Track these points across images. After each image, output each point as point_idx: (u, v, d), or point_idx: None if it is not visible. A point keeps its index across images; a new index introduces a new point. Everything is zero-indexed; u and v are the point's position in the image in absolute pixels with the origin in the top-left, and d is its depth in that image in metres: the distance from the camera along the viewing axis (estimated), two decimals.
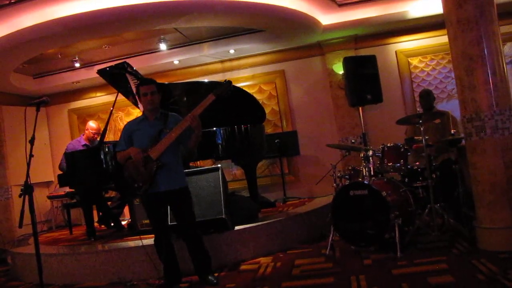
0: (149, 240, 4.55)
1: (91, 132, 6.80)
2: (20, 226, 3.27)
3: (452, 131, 5.24)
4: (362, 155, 5.10)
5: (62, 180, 6.44)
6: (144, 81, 4.34)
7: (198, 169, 5.51)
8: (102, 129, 6.37)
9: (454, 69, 4.45)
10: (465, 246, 4.35)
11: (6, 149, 8.37)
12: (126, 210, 7.20)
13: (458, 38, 4.30)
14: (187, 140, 4.20)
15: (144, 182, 4.08)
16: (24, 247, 6.29)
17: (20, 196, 3.35)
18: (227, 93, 4.19)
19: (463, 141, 4.67)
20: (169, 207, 4.45)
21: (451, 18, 4.35)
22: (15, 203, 8.28)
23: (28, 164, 3.45)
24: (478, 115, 4.19)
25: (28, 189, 3.35)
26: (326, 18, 7.34)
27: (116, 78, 6.01)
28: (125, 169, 4.17)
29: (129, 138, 4.27)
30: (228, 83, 4.22)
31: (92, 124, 6.92)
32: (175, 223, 4.47)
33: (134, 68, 5.87)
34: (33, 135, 3.48)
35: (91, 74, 7.97)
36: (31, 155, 3.50)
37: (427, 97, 5.89)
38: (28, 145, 3.46)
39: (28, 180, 3.37)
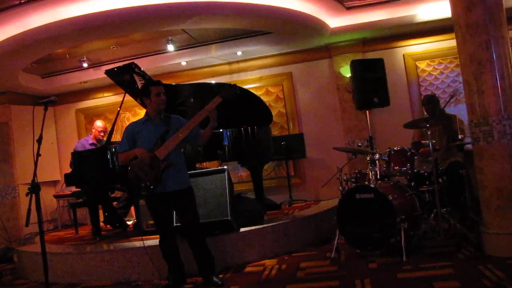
0: (152, 241, 4.56)
1: (98, 131, 6.84)
2: (27, 224, 3.28)
3: (460, 136, 5.21)
4: (369, 159, 5.08)
5: (69, 180, 6.47)
6: (155, 82, 4.35)
7: (204, 170, 5.51)
8: (109, 129, 6.40)
9: (462, 73, 4.44)
10: (472, 251, 4.33)
11: (13, 148, 8.42)
12: (132, 210, 7.22)
13: (466, 42, 4.28)
14: (195, 140, 4.26)
15: (150, 182, 4.08)
16: (30, 245, 6.32)
17: (27, 194, 3.36)
18: (233, 95, 4.21)
19: (469, 145, 4.65)
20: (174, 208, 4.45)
21: (459, 22, 4.34)
22: (22, 201, 8.33)
23: (36, 163, 3.46)
24: (486, 120, 4.17)
25: (35, 188, 3.37)
26: (334, 21, 7.33)
27: (124, 78, 6.03)
28: (130, 169, 4.17)
29: (132, 139, 4.27)
30: (233, 86, 4.25)
31: (98, 123, 6.95)
32: (179, 224, 4.48)
33: (142, 69, 5.90)
34: (41, 134, 3.49)
35: (99, 75, 8.00)
36: (38, 154, 3.51)
37: (429, 102, 5.86)
38: (36, 144, 3.48)
39: (35, 179, 3.38)
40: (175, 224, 4.65)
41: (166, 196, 4.16)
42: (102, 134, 6.80)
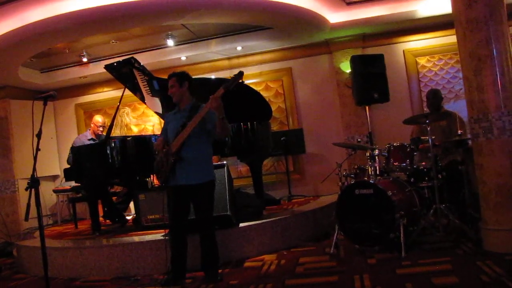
0: (152, 236, 4.55)
1: (97, 126, 6.84)
2: (26, 219, 3.28)
3: (459, 132, 5.21)
4: (368, 154, 5.08)
5: (68, 175, 6.47)
6: (169, 76, 4.37)
7: None
8: (109, 123, 6.39)
9: (462, 69, 4.43)
10: (470, 247, 4.33)
11: (13, 143, 8.42)
12: (131, 205, 7.23)
13: (467, 38, 4.27)
14: (212, 131, 4.16)
15: (164, 174, 4.16)
16: (29, 240, 6.33)
17: (26, 189, 3.36)
18: (237, 84, 4.02)
19: (470, 142, 4.65)
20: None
21: (460, 18, 4.33)
22: (21, 196, 8.34)
23: (35, 158, 3.46)
24: (486, 116, 4.17)
25: (34, 182, 3.36)
26: (334, 16, 7.32)
27: (123, 73, 6.03)
28: (155, 159, 4.31)
29: (165, 129, 4.42)
30: (239, 74, 3.99)
31: (98, 118, 6.95)
32: (193, 217, 4.42)
33: (141, 64, 5.88)
34: (40, 129, 3.49)
35: (99, 69, 7.99)
36: (38, 149, 3.51)
37: (434, 97, 5.85)
38: (35, 139, 3.47)
39: (35, 174, 3.38)
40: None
41: (179, 189, 4.18)
42: (101, 129, 6.81)
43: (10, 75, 7.69)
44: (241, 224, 5.14)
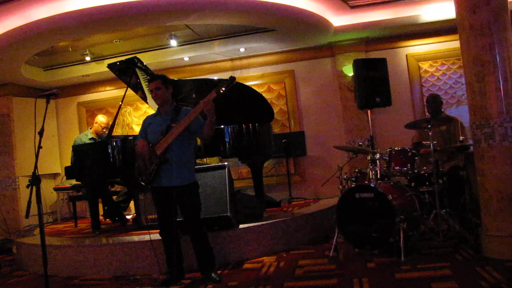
0: (153, 236, 4.55)
1: (100, 126, 6.85)
2: (27, 216, 3.28)
3: (461, 138, 5.21)
4: (369, 158, 5.08)
5: (69, 173, 6.47)
6: (152, 77, 4.37)
7: (205, 166, 5.53)
8: (110, 122, 6.40)
9: (465, 74, 4.42)
10: (470, 253, 4.33)
11: (14, 140, 8.43)
12: (132, 204, 7.22)
13: (470, 43, 4.28)
14: (200, 132, 4.19)
15: (147, 175, 4.15)
16: (29, 237, 6.33)
17: (27, 186, 3.36)
18: (229, 89, 3.99)
19: (471, 148, 4.65)
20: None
21: (464, 23, 4.33)
22: (21, 193, 8.34)
23: (37, 155, 3.46)
24: (488, 122, 4.17)
25: (36, 180, 3.37)
26: (338, 19, 7.33)
27: (126, 72, 6.03)
28: (136, 160, 4.29)
29: (144, 131, 4.38)
30: (230, 78, 4.02)
31: (101, 118, 6.96)
32: (181, 219, 4.46)
33: (144, 63, 5.89)
34: (43, 126, 3.49)
35: (101, 68, 8.01)
36: (40, 147, 3.51)
37: (433, 101, 5.85)
38: (37, 137, 3.47)
39: (36, 171, 3.38)
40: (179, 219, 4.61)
41: (164, 190, 4.18)
42: (104, 130, 6.80)
43: (13, 72, 7.70)
44: (241, 226, 5.14)
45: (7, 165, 8.41)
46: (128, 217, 6.90)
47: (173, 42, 7.69)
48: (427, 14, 7.11)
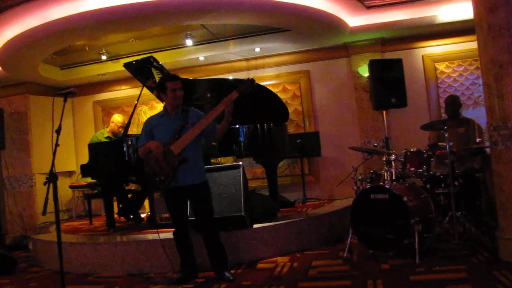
0: (166, 234, 4.58)
1: (117, 125, 6.90)
2: (44, 213, 3.33)
3: (478, 140, 5.16)
4: (384, 159, 5.05)
5: (85, 171, 6.53)
6: (172, 76, 4.33)
7: (220, 166, 5.54)
8: (126, 121, 6.45)
9: (483, 75, 4.38)
10: (486, 256, 4.28)
11: (31, 138, 8.52)
12: (146, 203, 7.27)
13: (488, 44, 4.23)
14: (211, 134, 4.26)
15: (165, 176, 4.12)
16: (45, 234, 6.40)
17: (45, 184, 3.41)
18: (250, 90, 4.18)
19: (488, 150, 4.60)
20: (189, 202, 4.47)
21: (482, 24, 4.28)
22: (38, 190, 8.43)
23: (54, 153, 3.50)
24: (505, 124, 4.11)
25: (53, 177, 3.41)
26: (354, 19, 7.29)
27: (142, 72, 6.07)
28: (146, 163, 4.24)
29: (150, 132, 4.31)
30: (251, 81, 4.19)
31: (118, 117, 7.02)
32: (194, 218, 4.49)
33: (160, 63, 5.92)
34: (60, 125, 3.53)
35: (117, 67, 8.07)
36: (57, 144, 3.55)
37: (452, 103, 5.80)
38: (54, 135, 3.51)
39: (53, 169, 3.42)
40: (190, 218, 4.65)
41: (181, 190, 4.19)
42: (120, 129, 6.84)
43: (31, 71, 7.79)
44: (255, 225, 5.14)
45: (23, 162, 8.51)
46: (143, 215, 6.94)
47: (189, 42, 7.71)
48: (444, 14, 7.04)
